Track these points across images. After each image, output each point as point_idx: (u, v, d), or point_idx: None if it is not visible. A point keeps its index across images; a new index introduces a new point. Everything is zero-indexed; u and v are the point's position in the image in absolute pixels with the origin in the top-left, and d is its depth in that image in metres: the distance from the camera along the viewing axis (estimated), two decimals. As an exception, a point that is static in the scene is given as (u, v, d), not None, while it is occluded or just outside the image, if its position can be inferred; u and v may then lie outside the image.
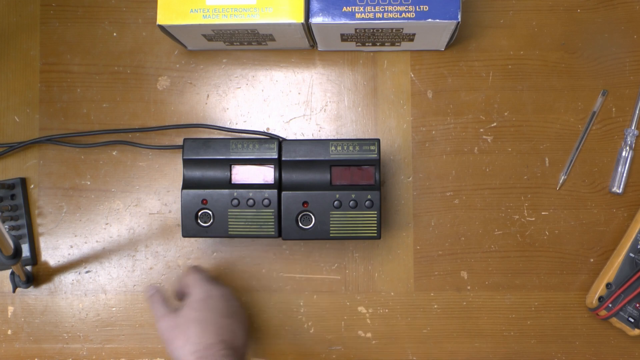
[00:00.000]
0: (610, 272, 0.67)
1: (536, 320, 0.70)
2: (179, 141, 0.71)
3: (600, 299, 0.67)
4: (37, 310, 0.72)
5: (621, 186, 0.69)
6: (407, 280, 0.70)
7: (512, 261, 0.70)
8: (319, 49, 0.71)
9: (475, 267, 0.70)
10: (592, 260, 0.70)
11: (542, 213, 0.70)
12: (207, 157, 0.64)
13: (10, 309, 0.72)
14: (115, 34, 0.72)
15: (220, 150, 0.63)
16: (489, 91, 0.71)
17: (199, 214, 0.63)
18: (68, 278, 0.72)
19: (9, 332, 0.71)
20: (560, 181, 0.70)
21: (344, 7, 0.62)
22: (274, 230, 0.63)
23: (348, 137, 0.71)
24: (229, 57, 0.72)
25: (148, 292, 0.64)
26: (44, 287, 0.72)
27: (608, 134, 0.70)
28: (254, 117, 0.72)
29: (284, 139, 0.69)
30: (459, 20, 0.61)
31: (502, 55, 0.71)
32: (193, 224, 0.63)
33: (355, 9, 0.62)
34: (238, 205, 0.63)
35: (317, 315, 0.70)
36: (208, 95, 0.72)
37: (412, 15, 0.61)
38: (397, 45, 0.69)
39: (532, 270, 0.70)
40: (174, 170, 0.72)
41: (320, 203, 0.62)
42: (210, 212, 0.63)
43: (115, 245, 0.72)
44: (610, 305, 0.66)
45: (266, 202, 0.62)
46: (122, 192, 0.72)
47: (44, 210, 0.72)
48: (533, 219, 0.70)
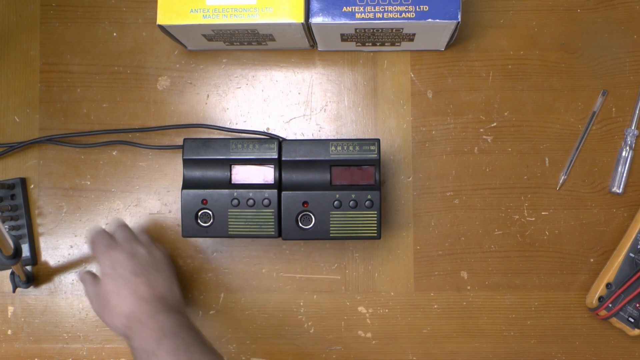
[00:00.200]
0: (610, 272, 0.67)
1: (536, 320, 0.70)
2: (179, 141, 0.71)
3: (600, 299, 0.67)
4: (37, 310, 0.72)
5: (621, 186, 0.69)
6: (407, 280, 0.70)
7: (512, 261, 0.70)
8: (319, 49, 0.71)
9: (475, 267, 0.70)
10: (592, 260, 0.70)
11: (542, 213, 0.70)
12: (207, 157, 0.64)
13: (10, 309, 0.72)
14: (115, 34, 0.72)
15: (220, 150, 0.63)
16: (489, 91, 0.71)
17: (199, 214, 0.63)
18: (68, 278, 0.72)
19: (9, 332, 0.71)
20: (560, 181, 0.70)
21: (344, 7, 0.62)
22: (274, 230, 0.63)
23: (348, 137, 0.71)
24: (229, 57, 0.72)
25: (79, 276, 0.65)
26: (44, 287, 0.72)
27: (608, 134, 0.70)
28: (254, 117, 0.72)
29: (284, 139, 0.69)
30: (459, 20, 0.61)
31: (502, 55, 0.71)
32: (193, 224, 0.63)
33: (355, 9, 0.62)
34: (238, 205, 0.63)
35: (317, 315, 0.70)
36: (208, 95, 0.72)
37: (412, 15, 0.61)
38: (397, 45, 0.69)
39: (532, 270, 0.70)
40: (174, 170, 0.72)
41: (320, 203, 0.62)
42: (210, 212, 0.63)
43: (115, 245, 0.72)
44: (610, 305, 0.66)
45: (266, 202, 0.62)
46: (122, 192, 0.72)
47: (44, 210, 0.72)
48: (533, 219, 0.70)
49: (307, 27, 0.64)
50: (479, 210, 0.70)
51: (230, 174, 0.64)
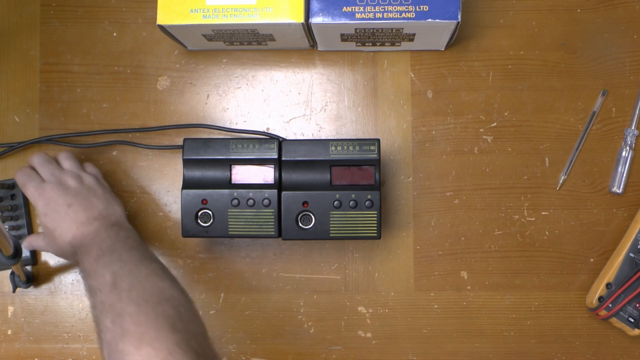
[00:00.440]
0: (610, 272, 0.67)
1: (536, 320, 0.70)
2: (179, 141, 0.71)
3: (600, 299, 0.67)
4: (37, 310, 0.71)
5: (621, 186, 0.69)
6: (407, 280, 0.70)
7: (512, 261, 0.70)
8: (319, 49, 0.71)
9: (475, 267, 0.70)
10: (592, 260, 0.70)
11: (542, 213, 0.70)
12: (207, 157, 0.64)
13: (10, 309, 0.72)
14: (115, 34, 0.72)
15: (220, 150, 0.63)
16: (489, 91, 0.71)
17: (199, 214, 0.63)
18: (68, 278, 0.72)
19: (9, 332, 0.71)
20: (560, 181, 0.70)
21: (344, 7, 0.62)
22: (274, 230, 0.63)
23: (348, 137, 0.71)
24: (229, 57, 0.72)
25: (25, 244, 0.67)
26: (44, 287, 0.72)
27: (608, 134, 0.70)
28: (254, 117, 0.72)
29: (284, 139, 0.69)
30: (459, 20, 0.61)
31: (502, 55, 0.71)
32: (193, 224, 0.63)
33: (355, 9, 0.62)
34: (238, 205, 0.63)
35: (317, 315, 0.70)
36: (208, 95, 0.72)
37: (412, 15, 0.61)
38: (397, 45, 0.69)
39: (532, 270, 0.70)
40: (174, 170, 0.72)
41: (320, 203, 0.62)
42: (210, 212, 0.63)
43: (115, 245, 0.71)
44: (610, 305, 0.66)
45: (266, 202, 0.62)
46: (122, 192, 0.72)
47: (44, 210, 0.72)
48: (533, 219, 0.70)
49: (307, 27, 0.64)
50: (479, 210, 0.70)
51: (230, 174, 0.64)
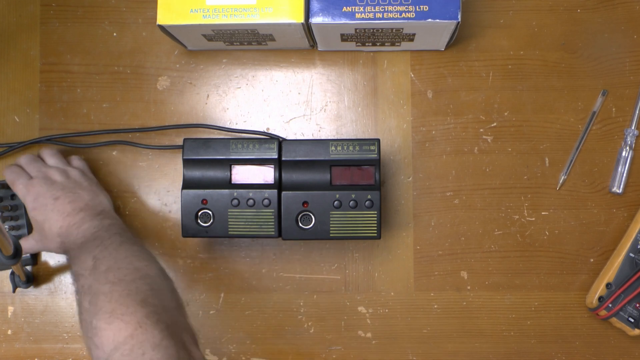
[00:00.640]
0: (610, 272, 0.67)
1: (536, 320, 0.70)
2: (179, 141, 0.71)
3: (600, 299, 0.67)
4: (37, 310, 0.71)
5: (621, 186, 0.69)
6: (407, 280, 0.70)
7: (512, 261, 0.70)
8: (319, 49, 0.71)
9: (475, 267, 0.70)
10: (592, 260, 0.70)
11: (542, 213, 0.70)
12: (207, 157, 0.64)
13: (10, 309, 0.72)
14: (115, 34, 0.72)
15: (220, 150, 0.63)
16: (489, 91, 0.71)
17: (199, 214, 0.63)
18: (68, 278, 0.72)
19: (9, 332, 0.71)
20: (560, 181, 0.70)
21: (344, 7, 0.62)
22: (274, 230, 0.63)
23: (348, 137, 0.71)
24: (229, 57, 0.72)
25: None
26: (44, 287, 0.72)
27: (608, 134, 0.70)
28: (254, 117, 0.72)
29: (284, 139, 0.69)
30: (459, 20, 0.61)
31: (502, 55, 0.71)
32: (193, 224, 0.63)
33: (355, 9, 0.62)
34: (238, 205, 0.63)
35: (317, 315, 0.70)
36: (208, 95, 0.72)
37: (412, 15, 0.61)
38: (397, 45, 0.69)
39: (532, 270, 0.70)
40: (174, 170, 0.72)
41: (320, 203, 0.62)
42: (210, 212, 0.63)
43: (115, 245, 0.71)
44: (610, 305, 0.66)
45: (266, 202, 0.62)
46: (122, 192, 0.72)
47: (44, 210, 0.72)
48: (533, 219, 0.70)
49: (307, 27, 0.64)
50: (479, 210, 0.70)
51: (230, 174, 0.64)
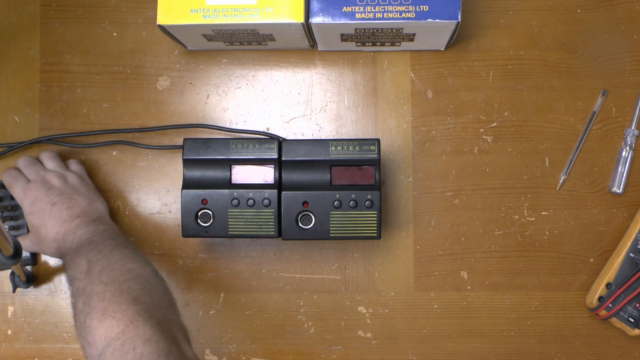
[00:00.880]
0: (610, 272, 0.67)
1: (536, 320, 0.70)
2: (179, 141, 0.71)
3: (600, 299, 0.67)
4: (37, 310, 0.72)
5: (621, 186, 0.69)
6: (407, 280, 0.70)
7: (512, 261, 0.70)
8: (319, 49, 0.71)
9: (475, 267, 0.70)
10: (592, 260, 0.70)
11: (542, 213, 0.70)
12: (207, 157, 0.64)
13: (10, 309, 0.72)
14: (115, 34, 0.72)
15: (220, 150, 0.63)
16: (489, 91, 0.71)
17: (199, 214, 0.63)
18: (68, 278, 0.72)
19: (9, 332, 0.71)
20: (560, 181, 0.70)
21: (344, 7, 0.62)
22: (274, 230, 0.63)
23: (348, 137, 0.71)
24: (229, 57, 0.72)
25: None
26: (44, 287, 0.72)
27: (608, 134, 0.70)
28: (254, 117, 0.72)
29: (284, 139, 0.69)
30: (459, 20, 0.61)
31: (502, 55, 0.71)
32: (193, 224, 0.63)
33: (355, 9, 0.62)
34: (238, 205, 0.63)
35: (317, 315, 0.70)
36: (208, 95, 0.72)
37: (412, 15, 0.61)
38: (397, 45, 0.69)
39: (532, 270, 0.70)
40: (174, 170, 0.72)
41: (320, 203, 0.62)
42: (210, 212, 0.63)
43: (115, 245, 0.71)
44: (610, 305, 0.66)
45: (266, 202, 0.62)
46: (122, 192, 0.72)
47: (44, 210, 0.72)
48: (533, 219, 0.70)
49: (307, 27, 0.64)
50: (479, 210, 0.70)
51: (230, 174, 0.64)
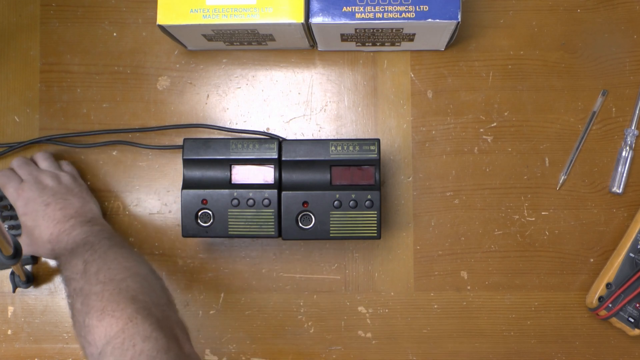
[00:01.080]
0: (610, 272, 0.67)
1: (536, 320, 0.70)
2: (179, 141, 0.71)
3: (600, 299, 0.67)
4: (37, 310, 0.72)
5: (621, 186, 0.69)
6: (407, 280, 0.70)
7: (512, 261, 0.70)
8: (319, 49, 0.71)
9: (475, 267, 0.70)
10: (592, 260, 0.70)
11: (542, 213, 0.70)
12: (207, 157, 0.64)
13: (10, 309, 0.72)
14: (115, 34, 0.72)
15: (220, 150, 0.63)
16: (489, 91, 0.71)
17: (199, 214, 0.63)
18: (68, 278, 0.72)
19: (9, 332, 0.71)
20: (560, 181, 0.70)
21: (344, 7, 0.62)
22: (274, 230, 0.63)
23: (348, 137, 0.71)
24: (229, 57, 0.72)
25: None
26: (44, 287, 0.72)
27: (608, 134, 0.70)
28: (254, 117, 0.72)
29: (284, 139, 0.69)
30: (459, 20, 0.61)
31: (502, 55, 0.71)
32: (193, 224, 0.63)
33: (355, 9, 0.62)
34: (238, 205, 0.63)
35: (317, 315, 0.70)
36: (208, 95, 0.72)
37: (412, 15, 0.61)
38: (397, 45, 0.69)
39: (532, 270, 0.70)
40: (174, 170, 0.72)
41: (320, 203, 0.62)
42: (210, 212, 0.63)
43: (115, 245, 0.71)
44: (610, 305, 0.66)
45: (266, 202, 0.63)
46: (122, 192, 0.72)
47: (44, 210, 0.72)
48: (533, 219, 0.70)
49: (307, 27, 0.64)
50: (479, 210, 0.70)
51: (230, 174, 0.64)
